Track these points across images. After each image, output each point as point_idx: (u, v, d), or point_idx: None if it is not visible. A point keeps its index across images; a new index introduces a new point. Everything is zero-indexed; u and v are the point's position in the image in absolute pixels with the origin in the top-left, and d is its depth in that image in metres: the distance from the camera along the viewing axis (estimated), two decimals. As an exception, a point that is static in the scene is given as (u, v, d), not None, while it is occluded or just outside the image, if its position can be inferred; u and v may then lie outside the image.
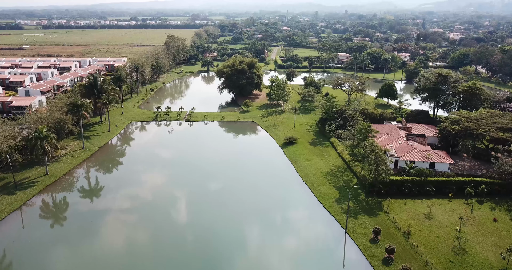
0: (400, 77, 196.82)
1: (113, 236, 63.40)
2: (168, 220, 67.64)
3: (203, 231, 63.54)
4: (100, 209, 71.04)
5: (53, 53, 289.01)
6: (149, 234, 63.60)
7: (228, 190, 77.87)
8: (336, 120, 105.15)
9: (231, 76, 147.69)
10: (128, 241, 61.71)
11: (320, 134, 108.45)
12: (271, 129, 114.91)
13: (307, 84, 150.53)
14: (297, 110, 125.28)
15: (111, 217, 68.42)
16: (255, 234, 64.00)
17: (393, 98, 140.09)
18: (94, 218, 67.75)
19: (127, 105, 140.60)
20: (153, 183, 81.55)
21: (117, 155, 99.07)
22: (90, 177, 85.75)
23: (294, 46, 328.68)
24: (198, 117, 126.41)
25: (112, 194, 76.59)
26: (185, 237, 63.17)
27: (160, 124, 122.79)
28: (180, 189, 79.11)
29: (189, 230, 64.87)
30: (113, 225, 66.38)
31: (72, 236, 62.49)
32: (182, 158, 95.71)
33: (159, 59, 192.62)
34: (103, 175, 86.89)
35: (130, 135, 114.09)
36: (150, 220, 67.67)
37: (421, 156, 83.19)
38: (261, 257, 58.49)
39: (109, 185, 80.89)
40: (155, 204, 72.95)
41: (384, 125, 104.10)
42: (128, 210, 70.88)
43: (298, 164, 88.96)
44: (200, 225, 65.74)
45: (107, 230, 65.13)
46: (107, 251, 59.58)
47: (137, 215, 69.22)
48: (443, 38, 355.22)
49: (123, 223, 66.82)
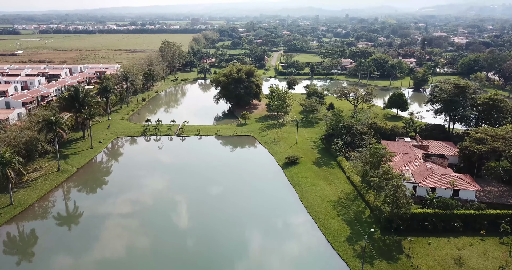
0: (407, 85, 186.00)
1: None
2: (153, 257, 56.67)
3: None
4: (72, 244, 60.12)
5: (46, 59, 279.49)
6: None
7: (220, 225, 66.71)
8: (343, 136, 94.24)
9: (227, 86, 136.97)
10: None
11: (325, 152, 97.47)
12: (271, 145, 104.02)
13: (310, 94, 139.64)
14: (299, 123, 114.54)
15: (84, 257, 57.47)
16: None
17: (403, 109, 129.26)
18: (64, 255, 56.96)
19: (115, 117, 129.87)
20: (133, 215, 70.55)
21: (97, 179, 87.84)
22: (63, 206, 74.68)
23: (295, 51, 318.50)
24: (191, 131, 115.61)
25: (86, 227, 65.62)
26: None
27: (149, 139, 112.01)
28: (155, 229, 68.06)
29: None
30: (86, 264, 55.49)
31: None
32: (167, 185, 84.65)
33: (153, 66, 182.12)
34: (79, 203, 75.78)
35: (115, 153, 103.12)
36: (135, 256, 56.72)
37: (443, 182, 72.18)
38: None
39: (85, 216, 69.91)
40: (137, 245, 61.99)
41: (396, 143, 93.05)
42: (108, 249, 59.94)
43: (301, 189, 77.93)
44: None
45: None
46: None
47: (116, 256, 58.26)
48: (448, 43, 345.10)
49: (97, 263, 55.88)
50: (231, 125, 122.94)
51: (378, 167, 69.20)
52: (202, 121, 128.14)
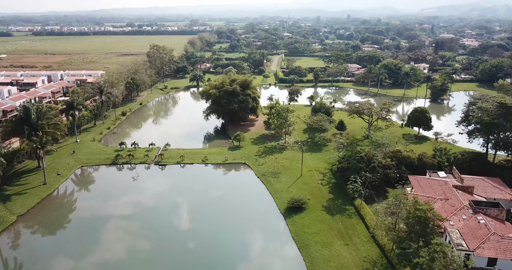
0: (423, 94, 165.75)
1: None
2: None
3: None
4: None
5: (30, 63, 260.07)
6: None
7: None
8: (361, 172, 73.94)
9: (219, 100, 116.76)
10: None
11: (338, 190, 77.16)
12: (270, 179, 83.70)
13: (316, 110, 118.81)
14: (303, 147, 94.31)
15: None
16: None
17: (426, 128, 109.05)
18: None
19: (85, 137, 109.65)
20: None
21: (44, 231, 67.23)
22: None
23: (296, 55, 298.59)
24: (172, 158, 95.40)
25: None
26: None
27: (121, 168, 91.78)
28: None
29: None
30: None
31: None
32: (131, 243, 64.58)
33: (138, 74, 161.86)
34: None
35: (74, 191, 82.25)
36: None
37: (508, 250, 51.92)
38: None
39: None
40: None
41: (429, 180, 72.59)
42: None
43: (310, 255, 57.54)
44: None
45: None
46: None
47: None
48: (458, 45, 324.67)
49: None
50: (222, 148, 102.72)
51: (421, 236, 48.78)
52: (188, 142, 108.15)
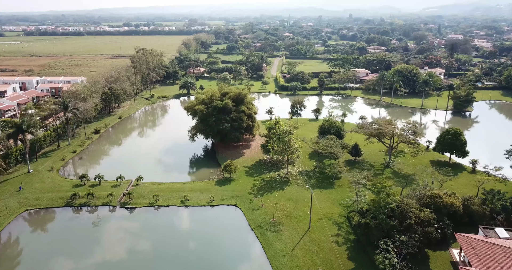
0: (444, 105, 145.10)
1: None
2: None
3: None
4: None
5: (10, 67, 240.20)
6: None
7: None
8: (393, 231, 53.43)
9: (207, 118, 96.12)
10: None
11: (359, 253, 56.66)
12: (268, 233, 63.06)
13: (324, 131, 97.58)
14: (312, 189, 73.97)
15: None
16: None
17: (460, 155, 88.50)
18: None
19: (41, 166, 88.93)
20: None
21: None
22: None
23: (298, 57, 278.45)
24: (144, 197, 74.90)
25: None
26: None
27: (78, 212, 71.43)
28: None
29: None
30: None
31: None
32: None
33: (118, 83, 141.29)
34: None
35: (7, 249, 62.06)
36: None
37: None
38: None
39: None
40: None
41: (490, 246, 52.02)
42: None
43: None
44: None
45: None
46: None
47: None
48: (471, 47, 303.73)
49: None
50: (208, 182, 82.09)
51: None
52: (167, 172, 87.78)
